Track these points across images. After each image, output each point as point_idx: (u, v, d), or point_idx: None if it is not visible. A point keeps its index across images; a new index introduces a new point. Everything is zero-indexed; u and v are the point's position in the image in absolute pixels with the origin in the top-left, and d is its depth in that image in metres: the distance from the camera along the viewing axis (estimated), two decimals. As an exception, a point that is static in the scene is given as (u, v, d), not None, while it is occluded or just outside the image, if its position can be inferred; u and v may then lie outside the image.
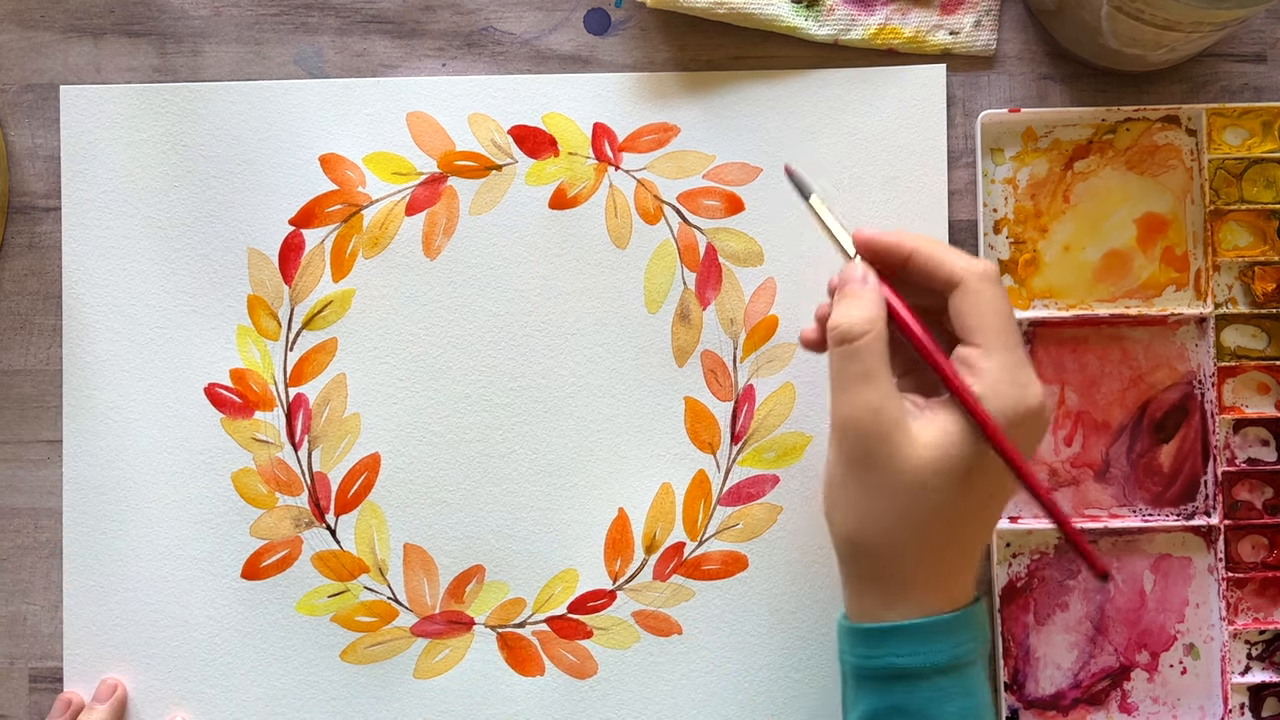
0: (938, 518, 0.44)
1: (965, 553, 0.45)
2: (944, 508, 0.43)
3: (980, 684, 0.45)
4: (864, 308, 0.45)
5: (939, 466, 0.43)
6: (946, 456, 0.43)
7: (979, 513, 0.45)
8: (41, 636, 0.57)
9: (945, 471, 0.43)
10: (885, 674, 0.44)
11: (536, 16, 0.57)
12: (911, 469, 0.43)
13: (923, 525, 0.44)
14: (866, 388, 0.44)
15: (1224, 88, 0.57)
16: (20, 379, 0.57)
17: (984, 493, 0.44)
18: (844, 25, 0.56)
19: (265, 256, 0.57)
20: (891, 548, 0.44)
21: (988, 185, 0.56)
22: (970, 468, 0.43)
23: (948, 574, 0.45)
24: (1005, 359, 0.43)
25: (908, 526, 0.44)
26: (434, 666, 0.56)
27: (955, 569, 0.45)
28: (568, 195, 0.56)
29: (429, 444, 0.56)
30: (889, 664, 0.44)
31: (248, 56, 0.57)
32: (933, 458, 0.43)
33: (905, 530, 0.44)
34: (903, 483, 0.43)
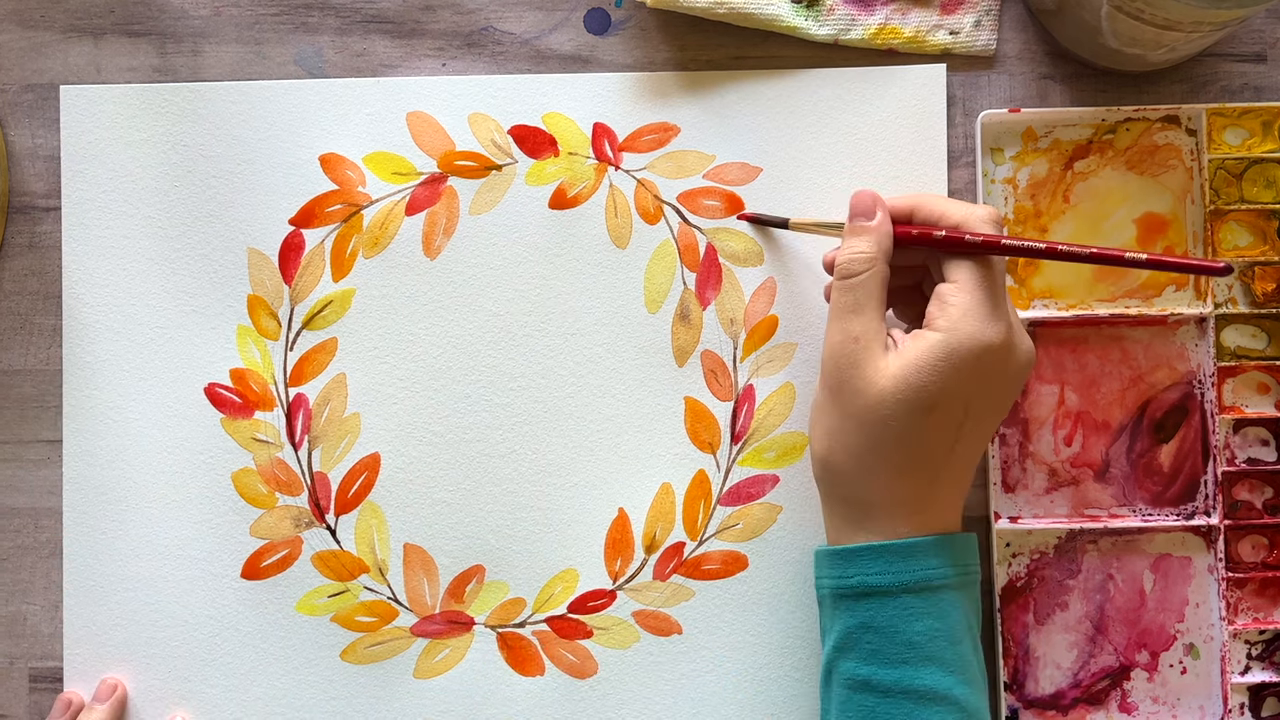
0: (900, 444, 0.46)
1: (935, 481, 0.47)
2: (906, 435, 0.46)
3: (955, 609, 0.47)
4: (868, 244, 0.48)
5: (900, 395, 0.46)
6: (907, 385, 0.46)
7: (946, 443, 0.47)
8: (41, 636, 0.57)
9: (905, 400, 0.46)
10: (856, 592, 0.47)
11: (536, 16, 0.57)
12: (876, 394, 0.46)
13: (885, 450, 0.47)
14: (854, 318, 0.47)
15: (1224, 88, 0.57)
16: (20, 379, 0.57)
17: (949, 423, 0.46)
18: (844, 25, 0.56)
19: (265, 256, 0.57)
20: (858, 470, 0.47)
21: (988, 185, 0.56)
22: (932, 398, 0.46)
23: (918, 500, 0.47)
24: (977, 295, 0.46)
25: (872, 451, 0.47)
26: (434, 666, 0.56)
27: (925, 496, 0.47)
28: (568, 195, 0.56)
29: (429, 444, 0.56)
30: (859, 582, 0.47)
31: (248, 56, 0.57)
32: (894, 387, 0.46)
33: (870, 455, 0.47)
34: (868, 408, 0.46)
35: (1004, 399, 0.48)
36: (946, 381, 0.46)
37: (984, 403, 0.47)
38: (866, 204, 0.49)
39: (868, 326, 0.47)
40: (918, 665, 0.46)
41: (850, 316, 0.47)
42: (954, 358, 0.46)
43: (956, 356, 0.46)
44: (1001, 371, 0.47)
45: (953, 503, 0.48)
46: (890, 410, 0.46)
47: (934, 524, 0.48)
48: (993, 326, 0.46)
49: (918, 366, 0.46)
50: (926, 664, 0.46)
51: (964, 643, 0.47)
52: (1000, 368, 0.47)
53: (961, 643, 0.47)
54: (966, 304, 0.46)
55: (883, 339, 0.47)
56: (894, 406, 0.46)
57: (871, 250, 0.48)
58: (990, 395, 0.47)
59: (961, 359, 0.46)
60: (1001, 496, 0.56)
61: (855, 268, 0.48)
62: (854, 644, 0.47)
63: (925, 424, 0.46)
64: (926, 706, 0.45)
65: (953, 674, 0.46)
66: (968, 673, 0.47)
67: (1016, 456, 0.56)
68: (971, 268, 0.47)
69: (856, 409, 0.47)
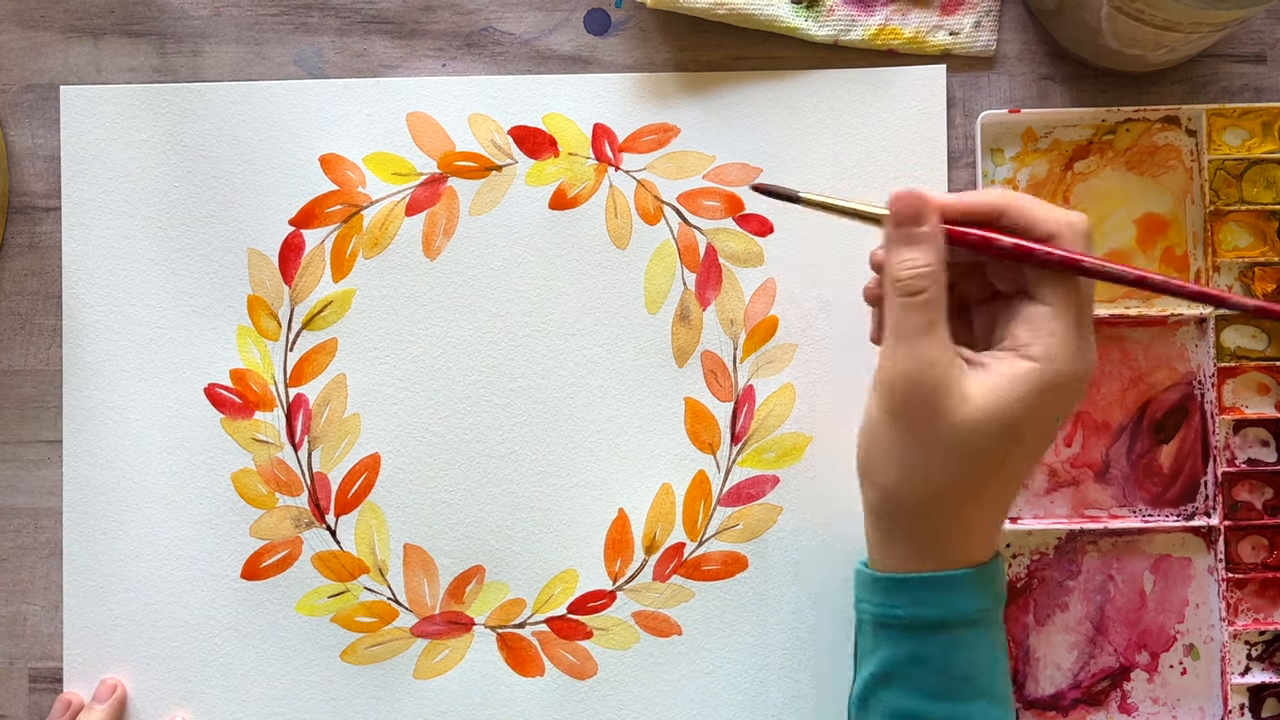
0: (981, 476, 0.43)
1: (999, 509, 0.45)
2: (989, 467, 0.43)
3: (996, 638, 0.45)
4: (923, 253, 0.43)
5: (989, 427, 0.42)
6: (999, 418, 0.42)
7: (1018, 471, 0.44)
8: (41, 636, 0.57)
9: (994, 432, 0.42)
10: (907, 623, 0.44)
11: (536, 16, 0.57)
12: (961, 426, 0.42)
13: (965, 482, 0.43)
14: (926, 341, 0.42)
15: (1224, 88, 0.57)
16: (20, 379, 0.57)
17: (1035, 452, 0.44)
18: (844, 26, 0.56)
19: (265, 256, 0.57)
20: (930, 502, 0.44)
21: (988, 186, 0.56)
22: (1022, 430, 0.42)
23: (978, 529, 0.44)
24: (1071, 322, 0.43)
25: (950, 483, 0.43)
26: (434, 667, 0.56)
27: (986, 524, 0.45)
28: (568, 196, 0.56)
29: (429, 444, 0.56)
30: (908, 614, 0.44)
31: (248, 56, 0.57)
32: (983, 418, 0.42)
33: (947, 486, 0.43)
34: (952, 439, 0.42)
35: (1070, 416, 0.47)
36: (1040, 413, 0.42)
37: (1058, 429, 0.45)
38: (916, 207, 0.43)
39: (943, 350, 0.42)
40: (969, 700, 0.44)
41: (922, 339, 0.42)
42: (1049, 391, 0.42)
43: (1051, 389, 0.42)
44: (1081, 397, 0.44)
45: (1002, 525, 0.46)
46: (980, 443, 0.42)
47: (983, 550, 0.45)
48: (1085, 357, 0.43)
49: (1012, 399, 0.42)
50: (977, 698, 0.44)
51: (999, 667, 0.45)
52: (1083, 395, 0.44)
53: (997, 669, 0.45)
54: (1063, 333, 0.42)
55: (958, 361, 0.43)
56: (985, 440, 0.42)
57: (934, 263, 0.43)
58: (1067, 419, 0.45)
59: (1056, 392, 0.42)
60: (1001, 497, 0.56)
61: (920, 284, 0.42)
62: (900, 676, 0.44)
63: (1013, 455, 0.43)
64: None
65: (999, 705, 0.44)
66: (1007, 702, 0.45)
67: (1016, 457, 0.56)
68: (1066, 290, 0.43)
69: (937, 439, 0.42)
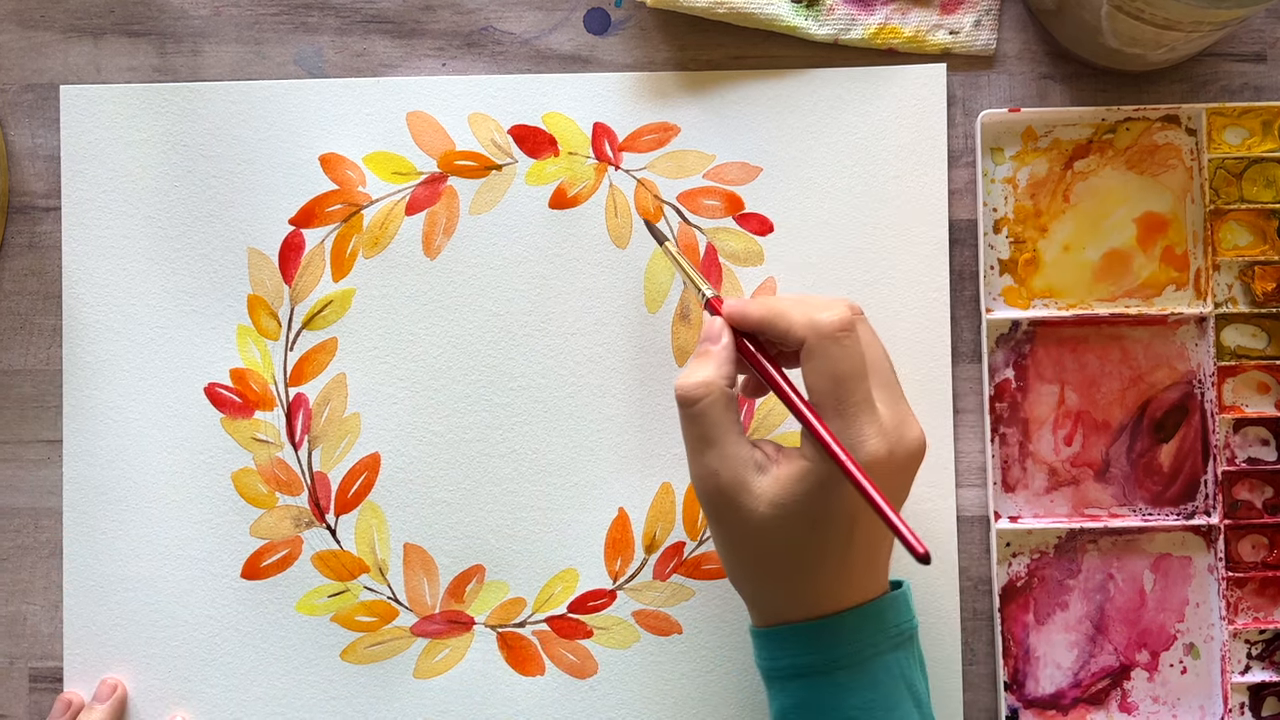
0: (791, 559, 0.45)
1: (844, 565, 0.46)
2: (795, 550, 0.45)
3: (889, 675, 0.46)
4: (705, 370, 0.46)
5: (781, 520, 0.44)
6: (786, 511, 0.44)
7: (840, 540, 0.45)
8: (41, 636, 0.57)
9: (788, 523, 0.44)
10: (787, 673, 0.46)
11: (536, 16, 0.57)
12: (755, 523, 0.45)
13: (775, 566, 0.46)
14: (707, 451, 0.45)
15: (1224, 87, 0.57)
16: (20, 379, 0.57)
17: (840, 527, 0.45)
18: (844, 25, 0.56)
19: (265, 256, 0.57)
20: (758, 580, 0.47)
21: (988, 185, 0.56)
22: (815, 512, 0.44)
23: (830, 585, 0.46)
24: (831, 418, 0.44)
25: (767, 567, 0.46)
26: (434, 666, 0.56)
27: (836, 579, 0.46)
28: (568, 195, 0.56)
29: (429, 444, 0.56)
30: (788, 664, 0.46)
31: (248, 56, 0.57)
32: (774, 514, 0.44)
33: (766, 569, 0.46)
34: (748, 535, 0.45)
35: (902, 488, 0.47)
36: (826, 502, 0.44)
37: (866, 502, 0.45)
38: (713, 331, 0.47)
39: (724, 456, 0.45)
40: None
41: (702, 449, 0.45)
42: (828, 485, 0.44)
43: (829, 484, 0.44)
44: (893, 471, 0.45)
45: (872, 568, 0.47)
46: (773, 532, 0.45)
47: (856, 594, 0.46)
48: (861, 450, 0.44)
49: (796, 495, 0.44)
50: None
51: (901, 707, 0.46)
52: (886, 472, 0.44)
53: (898, 708, 0.45)
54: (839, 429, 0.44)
55: (748, 461, 0.45)
56: (776, 530, 0.45)
57: (709, 375, 0.45)
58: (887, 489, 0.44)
59: (837, 485, 0.44)
60: (1001, 496, 0.56)
61: (695, 394, 0.45)
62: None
63: (814, 538, 0.45)
64: None
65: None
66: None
67: (1016, 456, 0.56)
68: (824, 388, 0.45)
69: (737, 536, 0.46)
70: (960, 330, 0.56)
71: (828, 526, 0.45)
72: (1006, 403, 0.56)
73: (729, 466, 0.45)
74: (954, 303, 0.56)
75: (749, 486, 0.45)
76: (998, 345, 0.56)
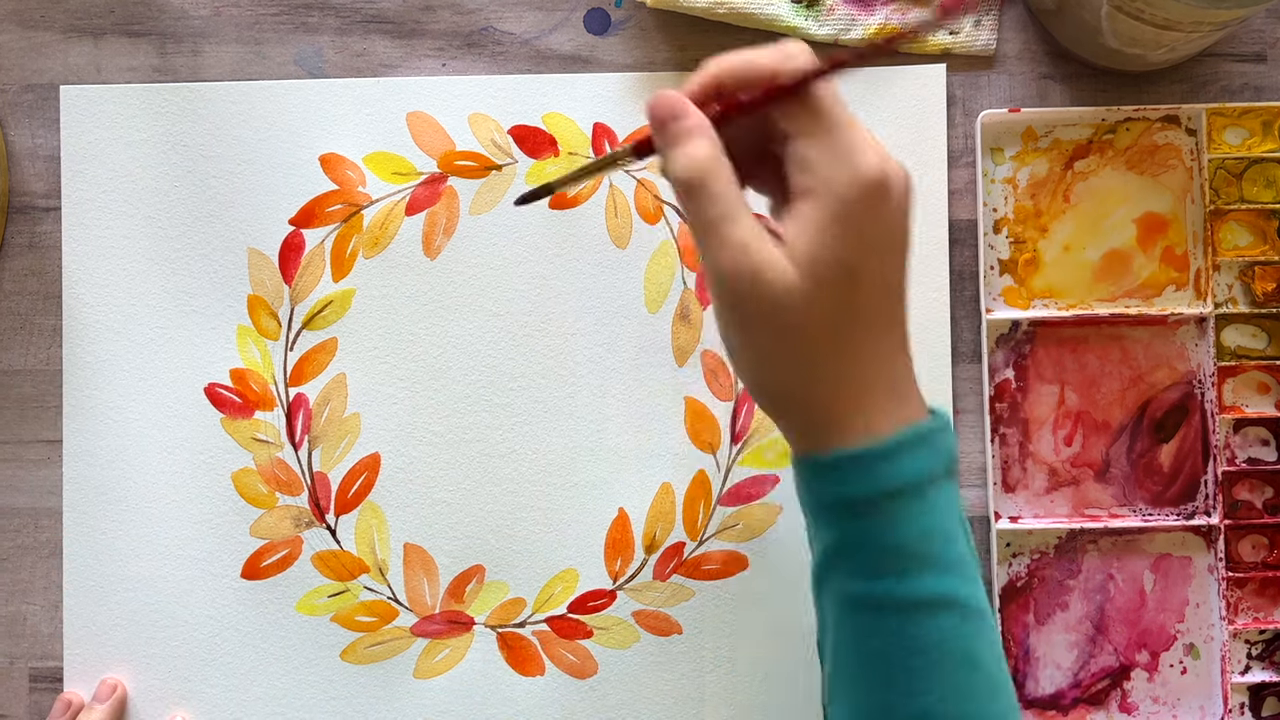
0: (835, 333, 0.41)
1: (888, 362, 0.42)
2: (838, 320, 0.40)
3: (946, 502, 0.42)
4: (698, 145, 0.40)
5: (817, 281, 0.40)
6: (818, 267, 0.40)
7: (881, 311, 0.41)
8: (41, 636, 0.57)
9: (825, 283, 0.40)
10: (840, 505, 0.42)
11: (536, 16, 0.57)
12: (791, 293, 0.40)
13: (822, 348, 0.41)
14: (731, 227, 0.40)
15: (1224, 87, 0.57)
16: (20, 379, 0.57)
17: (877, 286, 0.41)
18: (844, 25, 0.56)
19: (265, 256, 0.57)
20: (801, 383, 0.41)
21: (988, 185, 0.56)
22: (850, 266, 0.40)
23: (876, 390, 0.41)
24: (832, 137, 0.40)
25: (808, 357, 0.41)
26: (434, 666, 0.56)
27: (881, 383, 0.41)
28: (568, 195, 0.56)
29: (429, 444, 0.56)
30: (837, 496, 0.41)
31: (248, 56, 0.57)
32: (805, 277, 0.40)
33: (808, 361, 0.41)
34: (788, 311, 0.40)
35: (908, 232, 0.42)
36: (852, 241, 0.40)
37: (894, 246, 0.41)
38: (673, 106, 0.41)
39: (749, 230, 0.40)
40: (913, 574, 0.41)
41: (725, 227, 0.40)
42: (845, 214, 0.40)
43: (846, 211, 0.39)
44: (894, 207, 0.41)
45: (911, 380, 0.43)
46: (812, 301, 0.40)
47: (902, 413, 0.41)
48: (864, 160, 0.40)
49: (813, 241, 0.40)
50: (922, 570, 0.41)
51: (958, 538, 0.42)
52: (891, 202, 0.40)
53: (956, 539, 0.42)
54: (822, 152, 0.40)
55: (767, 235, 0.40)
56: (813, 295, 0.40)
57: (708, 148, 0.40)
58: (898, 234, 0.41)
59: (853, 211, 0.40)
60: (1001, 496, 0.56)
61: (700, 173, 0.40)
62: (842, 559, 0.42)
63: (854, 298, 0.40)
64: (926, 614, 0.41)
65: (950, 574, 0.41)
66: (965, 569, 0.42)
67: (1016, 456, 0.56)
68: (809, 113, 0.40)
69: (776, 318, 0.40)
70: (960, 330, 0.56)
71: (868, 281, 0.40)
72: (1006, 403, 0.56)
73: (756, 236, 0.40)
74: (954, 303, 0.56)
75: (774, 259, 0.40)
76: (998, 345, 0.56)
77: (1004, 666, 0.43)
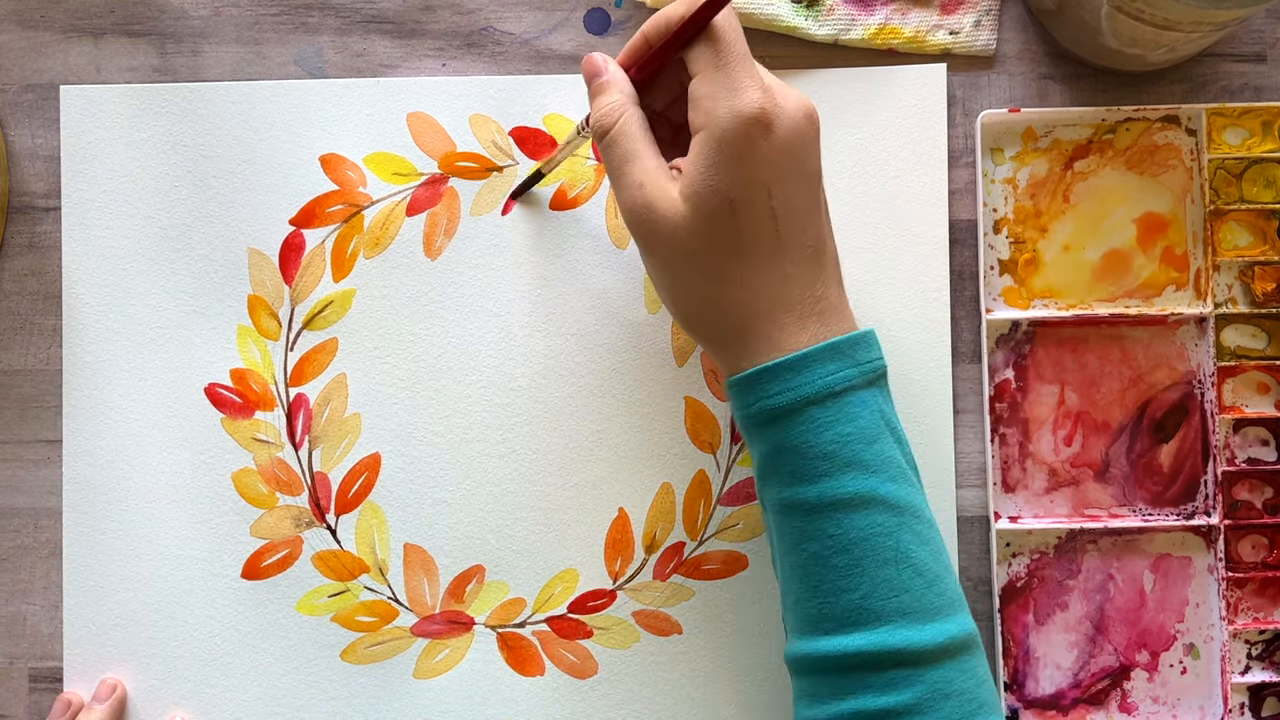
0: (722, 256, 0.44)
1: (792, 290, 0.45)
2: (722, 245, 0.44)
3: (864, 408, 0.45)
4: (610, 95, 0.46)
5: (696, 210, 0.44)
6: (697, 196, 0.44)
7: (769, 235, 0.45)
8: (41, 636, 0.57)
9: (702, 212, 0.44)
10: (761, 417, 0.45)
11: (536, 16, 0.57)
12: (678, 221, 0.44)
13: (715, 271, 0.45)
14: (630, 166, 0.45)
15: (1224, 88, 0.57)
16: (20, 379, 0.57)
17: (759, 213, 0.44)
18: (844, 25, 0.56)
19: (265, 256, 0.57)
20: (706, 305, 0.46)
21: (988, 185, 0.56)
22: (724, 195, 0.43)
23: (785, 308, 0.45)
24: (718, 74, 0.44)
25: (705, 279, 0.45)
26: (434, 666, 0.56)
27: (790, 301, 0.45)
28: (568, 196, 0.57)
29: (429, 444, 0.56)
30: (760, 407, 0.45)
31: (248, 56, 0.57)
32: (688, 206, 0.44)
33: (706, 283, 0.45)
34: (677, 237, 0.44)
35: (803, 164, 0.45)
36: (730, 173, 0.43)
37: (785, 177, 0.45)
38: (595, 64, 0.47)
39: (646, 168, 0.45)
40: (836, 475, 0.44)
41: (626, 167, 0.45)
42: (725, 146, 0.43)
43: (727, 143, 0.43)
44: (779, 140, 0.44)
45: (826, 302, 0.46)
46: (696, 229, 0.44)
47: (820, 332, 0.45)
48: (745, 96, 0.43)
49: (697, 174, 0.44)
50: (845, 471, 0.44)
51: (881, 440, 0.45)
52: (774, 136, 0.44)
53: (878, 441, 0.44)
54: (711, 89, 0.44)
55: (666, 173, 0.45)
56: (696, 223, 0.44)
57: (616, 98, 0.46)
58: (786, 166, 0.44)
59: (732, 144, 0.43)
60: (1001, 496, 0.56)
61: (607, 121, 0.46)
62: (772, 469, 0.45)
63: (735, 225, 0.44)
64: (855, 512, 0.44)
65: (874, 474, 0.44)
66: (891, 469, 0.44)
67: (1016, 456, 0.56)
68: (703, 51, 0.44)
69: (671, 247, 0.45)
70: (960, 330, 0.56)
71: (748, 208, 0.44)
72: (1006, 403, 0.56)
73: (651, 178, 0.45)
74: (954, 303, 0.56)
75: (668, 192, 0.45)
76: (998, 345, 0.56)
77: (944, 562, 0.45)
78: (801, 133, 0.45)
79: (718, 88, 0.44)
